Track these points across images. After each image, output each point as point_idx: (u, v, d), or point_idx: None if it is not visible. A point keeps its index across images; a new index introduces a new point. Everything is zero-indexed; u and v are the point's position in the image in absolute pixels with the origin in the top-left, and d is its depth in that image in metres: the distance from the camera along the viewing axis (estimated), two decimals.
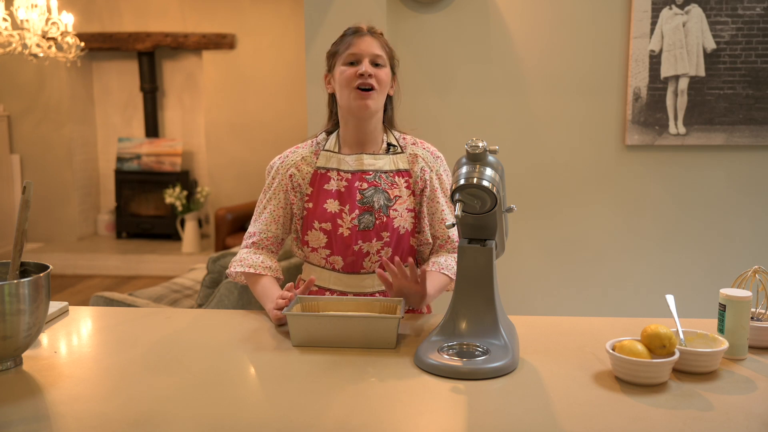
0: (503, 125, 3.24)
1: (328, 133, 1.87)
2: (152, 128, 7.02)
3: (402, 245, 1.81)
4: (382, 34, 1.83)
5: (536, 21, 3.16)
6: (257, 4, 6.60)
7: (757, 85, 3.09)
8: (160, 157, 6.91)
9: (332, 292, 1.82)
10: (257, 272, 1.79)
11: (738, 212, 3.21)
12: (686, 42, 3.08)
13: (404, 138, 1.87)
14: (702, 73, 3.09)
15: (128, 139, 6.99)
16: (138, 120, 7.16)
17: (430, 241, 1.86)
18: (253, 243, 1.85)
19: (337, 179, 1.78)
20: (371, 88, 1.73)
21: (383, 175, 1.79)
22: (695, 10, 3.06)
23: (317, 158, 1.82)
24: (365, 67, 1.72)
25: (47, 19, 4.73)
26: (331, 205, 1.77)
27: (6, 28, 4.62)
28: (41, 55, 4.76)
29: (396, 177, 1.80)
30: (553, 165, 3.24)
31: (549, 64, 3.17)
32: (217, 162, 6.89)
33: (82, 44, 5.17)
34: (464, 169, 1.41)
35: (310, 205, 1.79)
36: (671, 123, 3.12)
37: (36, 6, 4.62)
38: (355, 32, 1.78)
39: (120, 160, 6.99)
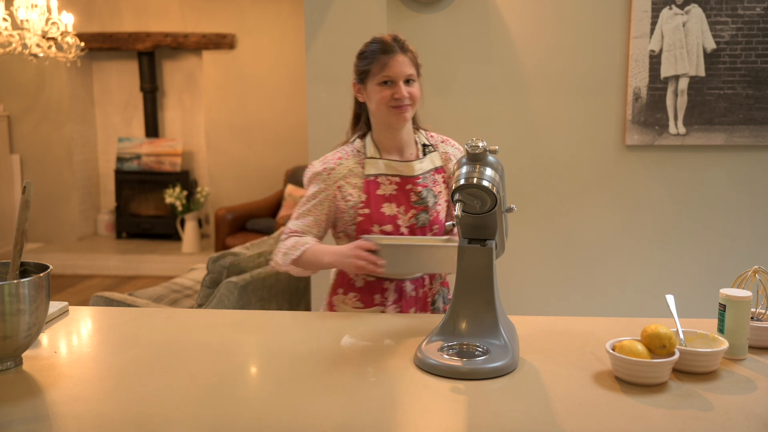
0: (503, 125, 3.23)
1: (361, 136, 1.95)
2: (152, 128, 7.02)
3: (442, 236, 1.94)
4: (404, 41, 1.89)
5: (536, 21, 3.16)
6: (257, 4, 6.60)
7: (757, 85, 3.09)
8: (160, 157, 6.91)
9: (387, 280, 1.89)
10: (310, 244, 1.84)
11: (738, 212, 3.21)
12: (686, 42, 3.08)
13: (431, 136, 1.99)
14: (702, 73, 3.09)
15: (128, 139, 6.99)
16: (138, 120, 7.16)
17: None
18: (293, 232, 1.91)
19: (387, 184, 1.89)
20: (407, 104, 1.85)
21: (428, 175, 1.92)
22: (695, 10, 3.06)
23: (363, 167, 1.90)
24: (402, 91, 1.82)
25: (47, 19, 4.73)
26: (388, 209, 1.87)
27: (6, 28, 4.62)
28: (41, 55, 4.76)
29: (435, 174, 1.94)
30: (553, 165, 3.24)
31: (549, 64, 3.18)
32: (217, 162, 6.89)
33: (82, 44, 5.16)
34: (464, 169, 1.41)
35: (367, 210, 1.87)
36: (671, 123, 3.12)
37: (36, 6, 4.62)
38: (385, 51, 1.83)
39: (120, 160, 6.99)
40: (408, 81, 1.85)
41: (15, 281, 1.34)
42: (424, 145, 1.96)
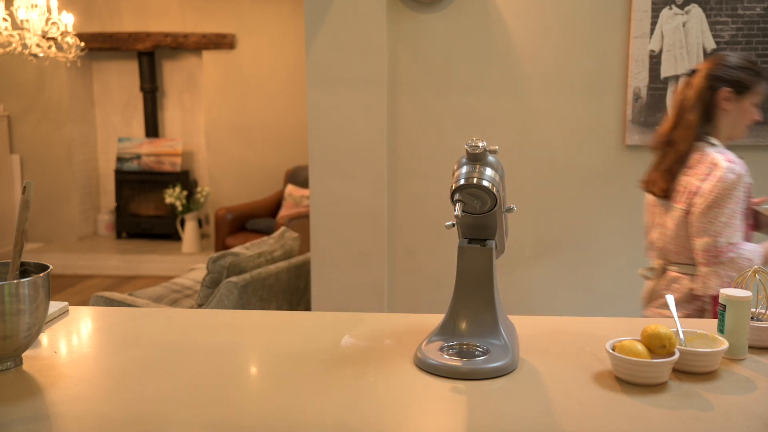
0: (503, 125, 3.23)
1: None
2: (152, 128, 7.02)
3: None
4: None
5: (536, 21, 3.16)
6: (257, 4, 6.60)
7: None
8: (160, 157, 6.91)
9: None
10: (757, 246, 2.06)
11: None
12: (686, 42, 3.08)
13: None
14: None
15: (128, 139, 7.00)
16: (138, 120, 7.16)
17: None
18: (738, 244, 2.07)
19: None
20: None
21: None
22: (695, 10, 3.06)
23: None
24: (760, 116, 2.15)
25: (47, 19, 4.73)
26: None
27: (6, 28, 4.62)
28: (41, 55, 4.76)
29: None
30: (553, 165, 3.24)
31: (549, 64, 3.17)
32: (217, 162, 6.89)
33: (82, 44, 5.17)
34: (464, 169, 1.41)
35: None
36: None
37: (36, 6, 4.62)
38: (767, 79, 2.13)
39: (120, 160, 6.99)
40: None
41: (15, 281, 1.33)
42: None
